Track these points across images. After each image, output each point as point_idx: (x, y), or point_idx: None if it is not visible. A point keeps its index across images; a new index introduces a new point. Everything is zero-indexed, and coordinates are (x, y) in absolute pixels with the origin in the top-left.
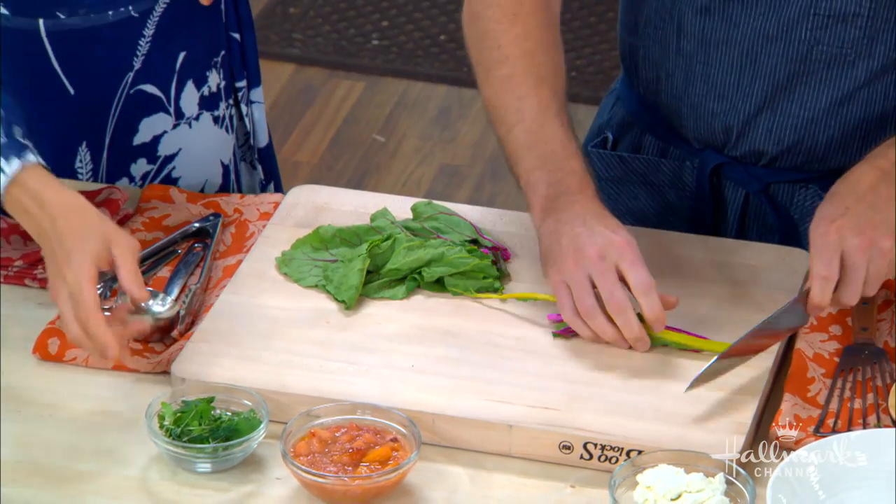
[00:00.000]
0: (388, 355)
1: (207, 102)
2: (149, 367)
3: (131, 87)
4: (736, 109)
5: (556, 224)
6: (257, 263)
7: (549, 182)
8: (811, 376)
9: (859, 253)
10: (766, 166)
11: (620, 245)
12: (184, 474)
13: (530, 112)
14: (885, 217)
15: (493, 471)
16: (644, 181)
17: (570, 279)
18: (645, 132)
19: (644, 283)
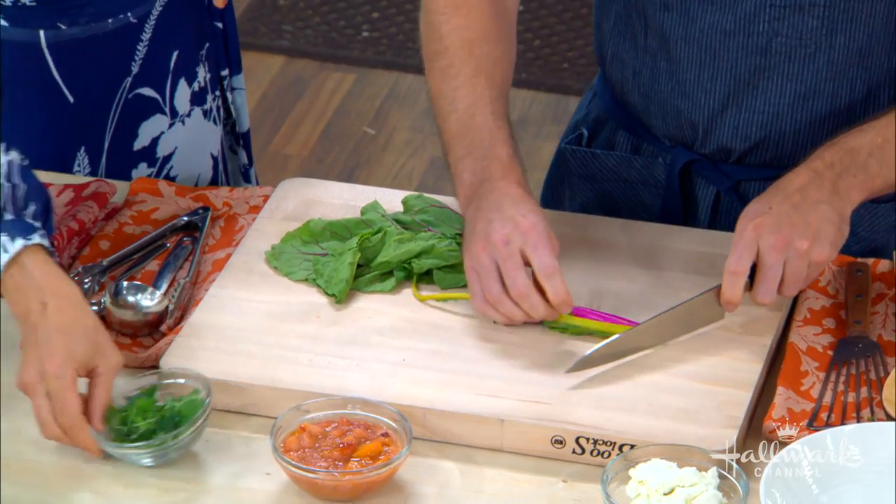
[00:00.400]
0: (379, 349)
1: (197, 97)
2: (137, 363)
3: (129, 92)
4: (700, 106)
5: (476, 212)
6: (247, 257)
7: (474, 170)
8: (805, 370)
9: (774, 252)
10: (735, 163)
11: (525, 228)
12: (172, 469)
13: (463, 102)
14: (805, 218)
15: (484, 465)
16: (617, 178)
17: (479, 266)
18: (619, 129)
19: (546, 267)
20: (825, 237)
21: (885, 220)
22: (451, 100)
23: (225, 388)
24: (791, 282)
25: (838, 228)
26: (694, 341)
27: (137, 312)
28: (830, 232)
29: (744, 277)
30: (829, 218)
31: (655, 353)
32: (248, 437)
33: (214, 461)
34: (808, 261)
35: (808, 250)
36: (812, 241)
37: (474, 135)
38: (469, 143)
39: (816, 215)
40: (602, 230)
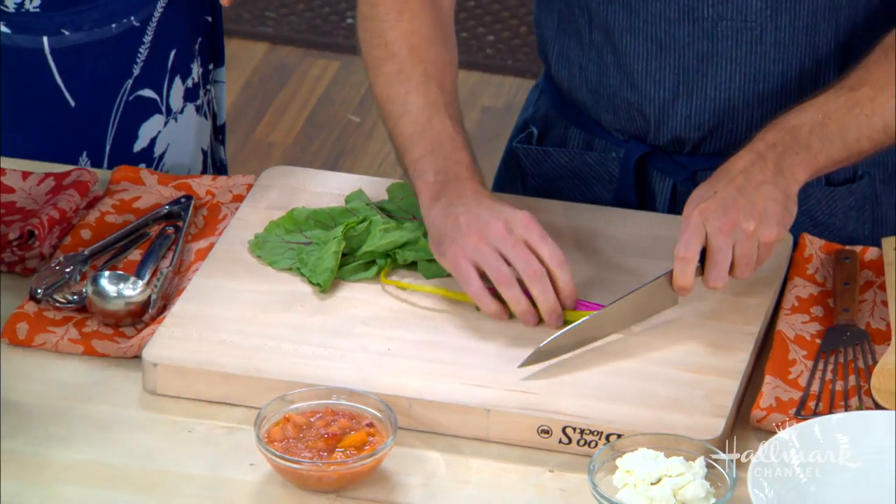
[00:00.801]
0: (364, 339)
1: (190, 94)
2: (119, 353)
3: (130, 94)
4: (650, 98)
5: (448, 206)
6: (230, 246)
7: (437, 170)
8: (792, 358)
9: (721, 235)
10: (690, 154)
11: (525, 221)
12: (154, 460)
13: (416, 105)
14: (751, 200)
15: (470, 456)
16: (570, 175)
17: (477, 254)
18: (569, 125)
19: (558, 256)
20: (772, 217)
21: (843, 203)
22: (402, 103)
23: (208, 379)
24: (741, 264)
25: (784, 207)
26: (681, 330)
27: (119, 302)
28: (777, 211)
29: (693, 262)
30: (774, 197)
31: (643, 341)
32: (232, 427)
33: (197, 452)
34: (757, 242)
35: (756, 231)
36: (759, 221)
37: (433, 136)
38: (429, 143)
39: (761, 196)
40: (559, 214)
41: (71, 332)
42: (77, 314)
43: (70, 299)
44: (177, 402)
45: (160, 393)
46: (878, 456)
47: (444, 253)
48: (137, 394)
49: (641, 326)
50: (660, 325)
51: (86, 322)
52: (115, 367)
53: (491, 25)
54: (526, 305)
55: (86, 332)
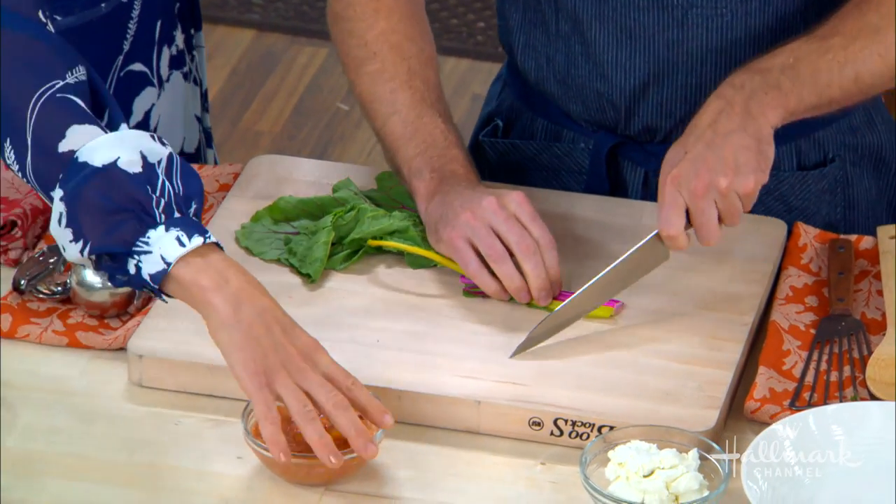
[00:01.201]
0: (353, 330)
1: (176, 61)
2: (104, 344)
3: (121, 70)
4: (620, 88)
5: (443, 198)
6: (216, 237)
7: (433, 168)
8: (786, 349)
9: (698, 199)
10: (661, 142)
11: (519, 199)
12: (141, 453)
13: (404, 104)
14: (720, 154)
15: (460, 448)
16: (538, 167)
17: (471, 231)
18: (536, 117)
19: (548, 238)
20: (745, 167)
21: (816, 187)
22: (389, 102)
23: (194, 370)
24: (727, 216)
25: (758, 153)
26: (674, 320)
27: (104, 293)
28: (750, 159)
29: (681, 236)
30: (744, 145)
31: (635, 332)
32: (219, 420)
33: (183, 444)
34: (736, 195)
35: (730, 186)
36: (733, 175)
37: (425, 134)
38: (421, 141)
39: (731, 147)
40: (543, 203)
41: (55, 324)
42: (61, 305)
43: (54, 290)
44: (163, 394)
45: (146, 385)
46: (874, 447)
47: (441, 237)
48: (123, 386)
49: (633, 316)
50: (652, 315)
51: (70, 313)
52: (100, 358)
53: (481, 12)
54: (519, 281)
55: (70, 323)
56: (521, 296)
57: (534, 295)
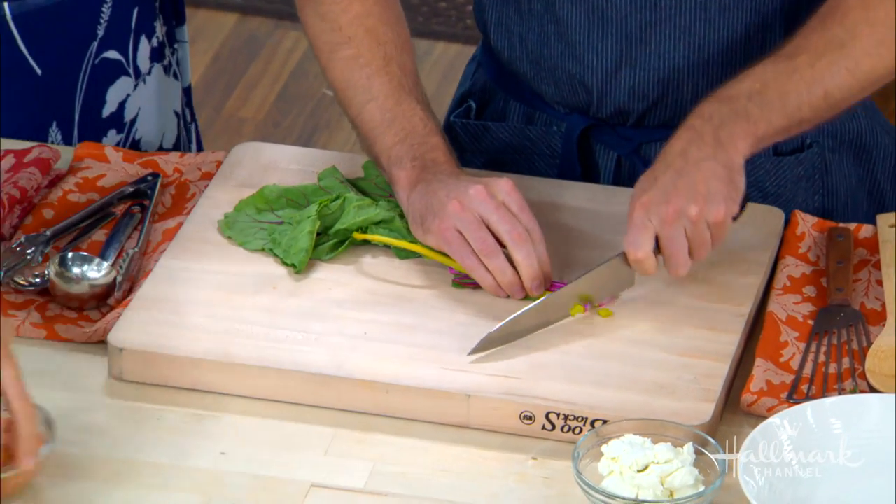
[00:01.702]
0: (339, 322)
1: (156, 53)
2: (84, 337)
3: (96, 57)
4: (593, 69)
5: (427, 187)
6: (199, 226)
7: (413, 156)
8: (784, 340)
9: (667, 226)
10: (634, 126)
11: (507, 188)
12: (121, 449)
13: (381, 90)
14: (691, 181)
15: (450, 443)
16: (511, 150)
17: (460, 221)
18: (509, 99)
19: (538, 228)
20: (716, 195)
21: (791, 173)
22: (365, 89)
23: (176, 364)
24: (696, 247)
25: (729, 182)
26: (668, 312)
27: (84, 285)
28: (721, 188)
29: (648, 260)
30: (715, 174)
31: (629, 324)
32: (201, 414)
33: (165, 440)
34: (706, 224)
35: (701, 214)
36: (703, 203)
37: (404, 122)
38: (400, 129)
39: (701, 175)
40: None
41: (33, 316)
42: (39, 297)
43: (32, 282)
44: (143, 388)
45: (126, 379)
46: (874, 440)
47: (429, 230)
48: (103, 380)
49: (627, 307)
50: (646, 306)
51: (48, 305)
52: (80, 352)
53: None
54: (512, 275)
55: (48, 315)
56: (514, 290)
57: (526, 285)
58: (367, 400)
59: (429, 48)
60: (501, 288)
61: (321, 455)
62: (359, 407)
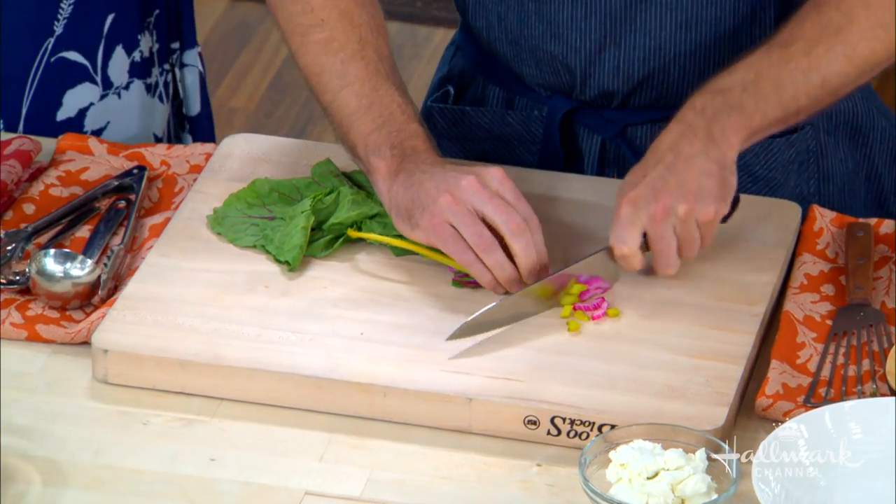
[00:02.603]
0: (335, 323)
1: (138, 69)
2: (66, 338)
3: (52, 55)
4: (575, 49)
5: (410, 177)
6: (187, 222)
7: (392, 144)
8: (801, 341)
9: (656, 224)
10: (619, 108)
11: (499, 176)
12: (106, 455)
13: (357, 76)
14: (681, 178)
15: (450, 449)
16: (490, 136)
17: (453, 216)
18: (488, 83)
19: (535, 218)
20: (706, 194)
21: (782, 156)
22: (339, 74)
23: (164, 366)
24: (686, 247)
25: (720, 180)
26: (679, 311)
27: (66, 283)
28: (711, 186)
29: (635, 256)
30: (706, 171)
31: (638, 324)
32: (190, 419)
33: (152, 446)
34: (695, 223)
35: (690, 213)
36: (693, 202)
37: (382, 108)
38: (378, 115)
39: (692, 172)
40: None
41: (13, 316)
42: (20, 296)
43: (12, 280)
44: (130, 391)
45: (111, 382)
46: (894, 446)
47: (418, 224)
48: (86, 383)
49: (636, 307)
50: (656, 305)
51: (29, 305)
52: (62, 353)
53: None
54: (511, 270)
55: (29, 315)
56: (513, 285)
57: (524, 277)
58: (363, 404)
59: (428, 34)
60: (500, 284)
61: (316, 461)
62: (355, 411)
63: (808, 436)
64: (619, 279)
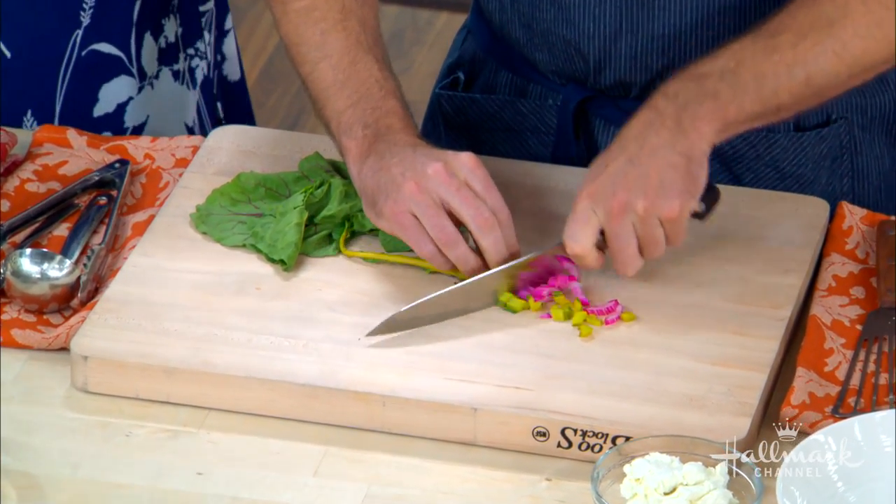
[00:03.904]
0: (331, 327)
1: (165, 56)
2: (44, 344)
3: (82, 48)
4: (589, 35)
5: (380, 160)
6: (172, 219)
7: (366, 122)
8: (829, 347)
9: (613, 221)
10: (637, 98)
11: (469, 163)
12: (86, 469)
13: (336, 47)
14: (643, 171)
15: (454, 462)
16: (500, 126)
17: (417, 206)
18: (500, 69)
19: (506, 211)
20: (670, 189)
21: (813, 151)
22: (318, 45)
23: (148, 374)
24: (647, 245)
25: (686, 174)
26: (699, 315)
27: (44, 285)
28: (676, 181)
29: (588, 255)
30: (671, 164)
31: (655, 328)
32: (176, 430)
33: (135, 459)
34: (658, 219)
35: (651, 209)
36: (653, 197)
37: (358, 83)
38: (354, 91)
39: (655, 165)
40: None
41: None
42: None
43: None
44: (111, 401)
45: (92, 391)
46: None
47: (381, 212)
48: (65, 392)
49: (652, 311)
50: (674, 309)
51: (4, 308)
52: (39, 360)
53: None
54: (475, 262)
55: (4, 319)
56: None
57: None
58: (360, 414)
59: (430, 18)
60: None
61: (310, 476)
62: (352, 422)
63: (836, 448)
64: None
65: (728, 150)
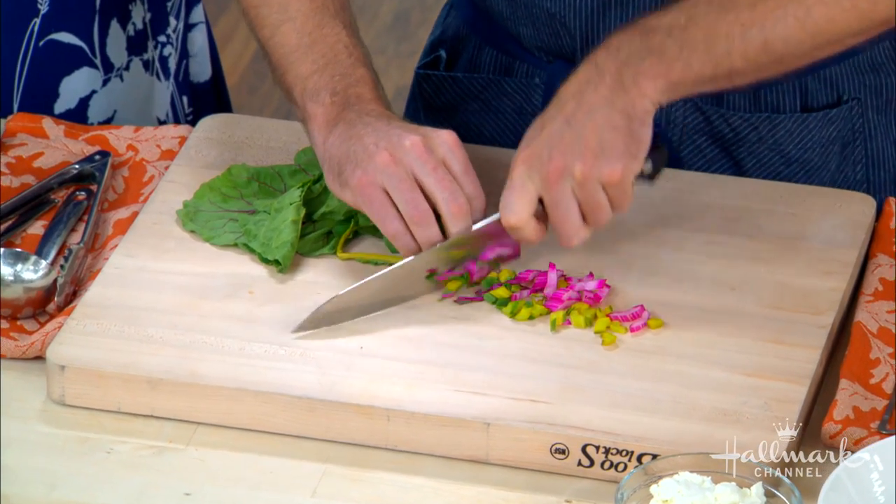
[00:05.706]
0: (330, 335)
1: (134, 45)
2: (17, 352)
3: (40, 38)
4: (575, 8)
5: (350, 129)
6: (157, 217)
7: (334, 90)
8: (875, 357)
9: (550, 188)
10: None
11: (449, 140)
12: (63, 488)
13: (300, 9)
14: (580, 133)
15: (465, 482)
16: (484, 107)
17: (388, 179)
18: (484, 46)
19: (482, 198)
20: (611, 150)
21: (821, 134)
22: (281, 6)
23: (131, 385)
24: (590, 213)
25: (627, 133)
26: (734, 322)
27: (17, 288)
28: (617, 141)
29: (526, 227)
30: (610, 123)
31: (684, 337)
32: (161, 446)
33: (117, 477)
34: (599, 184)
35: (590, 173)
36: (592, 160)
37: (325, 48)
38: (320, 56)
39: (593, 125)
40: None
41: None
42: None
43: None
44: (90, 414)
45: (69, 403)
46: None
47: (347, 182)
48: (40, 405)
49: (682, 317)
50: (705, 315)
51: None
52: (12, 370)
53: None
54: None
55: None
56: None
57: None
58: (363, 429)
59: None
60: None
61: (308, 496)
62: (353, 438)
63: (882, 468)
64: (519, 255)
65: (727, 132)
